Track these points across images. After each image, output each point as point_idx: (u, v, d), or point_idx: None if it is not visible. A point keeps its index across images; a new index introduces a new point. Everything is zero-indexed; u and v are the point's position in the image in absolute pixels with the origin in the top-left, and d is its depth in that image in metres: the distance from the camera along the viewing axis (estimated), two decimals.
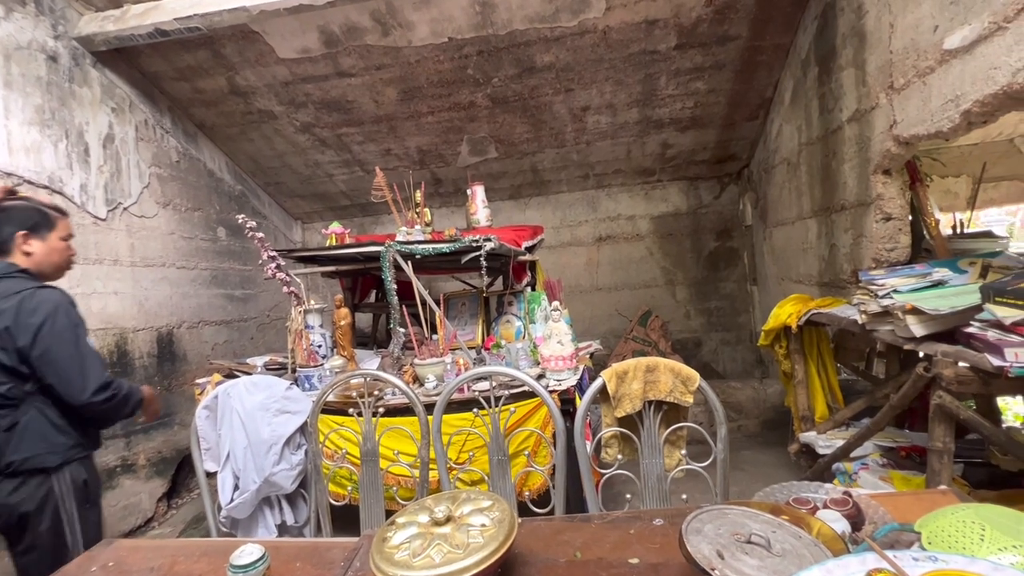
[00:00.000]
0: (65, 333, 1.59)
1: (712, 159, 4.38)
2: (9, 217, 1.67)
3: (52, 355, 1.56)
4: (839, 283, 2.82)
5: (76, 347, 1.60)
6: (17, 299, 1.57)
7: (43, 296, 1.60)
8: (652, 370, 1.50)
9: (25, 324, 1.55)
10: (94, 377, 1.60)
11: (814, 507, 0.93)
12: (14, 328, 1.54)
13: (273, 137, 3.94)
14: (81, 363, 1.60)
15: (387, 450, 2.02)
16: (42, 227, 1.70)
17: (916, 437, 2.37)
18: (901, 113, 2.09)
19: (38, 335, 1.55)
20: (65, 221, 1.79)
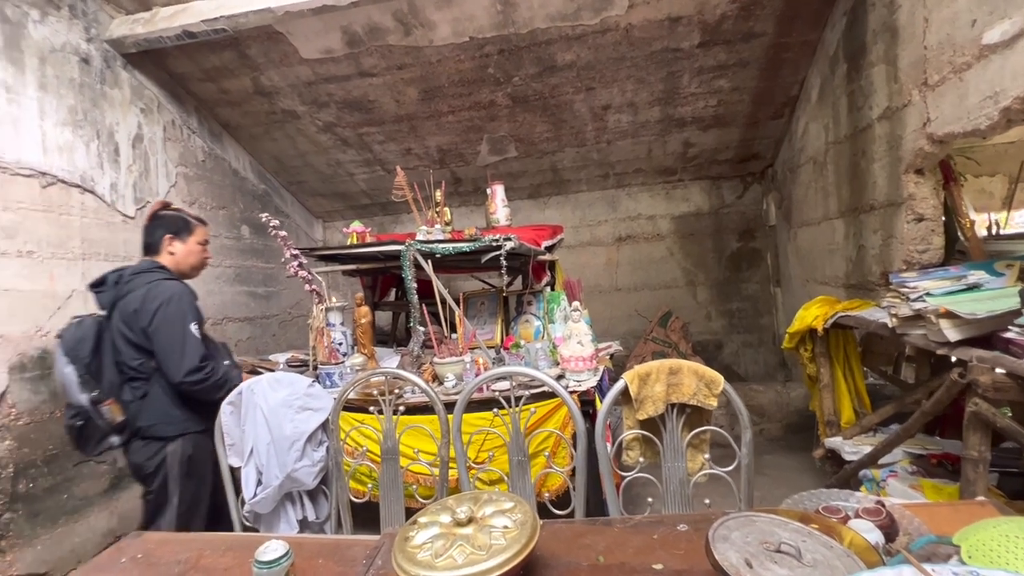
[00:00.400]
0: (173, 319, 1.87)
1: (735, 158, 4.31)
2: (161, 223, 2.06)
3: (159, 336, 1.86)
4: (867, 285, 2.75)
5: (180, 332, 1.87)
6: (147, 287, 1.90)
7: (166, 286, 1.92)
8: (675, 372, 1.48)
9: (147, 308, 1.86)
10: (189, 360, 1.85)
11: (845, 516, 0.91)
12: (140, 311, 1.86)
13: (296, 137, 4.00)
14: (182, 346, 1.86)
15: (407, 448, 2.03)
16: (183, 232, 2.08)
17: (948, 444, 2.30)
18: (935, 111, 2.02)
19: (153, 318, 1.85)
20: (203, 228, 2.16)
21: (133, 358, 1.89)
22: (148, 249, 2.08)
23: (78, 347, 1.88)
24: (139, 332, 1.87)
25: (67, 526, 2.61)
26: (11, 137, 2.48)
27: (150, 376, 1.91)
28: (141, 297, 1.87)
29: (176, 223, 2.08)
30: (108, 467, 2.86)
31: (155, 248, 2.05)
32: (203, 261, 2.17)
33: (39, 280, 2.58)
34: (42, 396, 2.56)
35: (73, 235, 2.76)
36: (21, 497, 2.43)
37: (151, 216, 2.11)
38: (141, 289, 1.89)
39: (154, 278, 1.93)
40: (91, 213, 2.86)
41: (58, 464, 2.60)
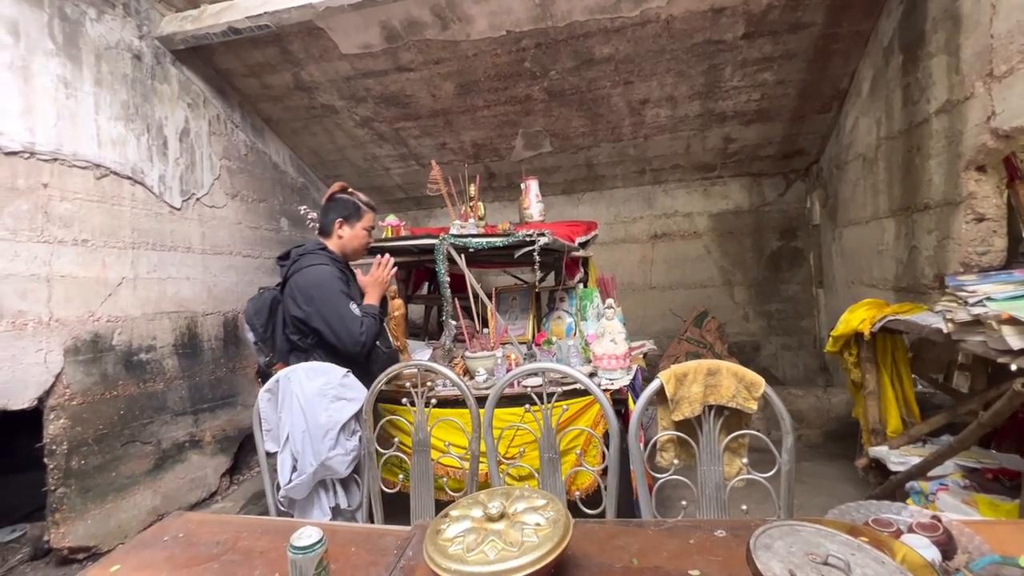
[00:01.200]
0: (329, 302, 1.94)
1: (778, 154, 4.16)
2: (334, 207, 2.16)
3: (321, 321, 1.93)
4: (919, 288, 2.62)
5: (337, 311, 1.93)
6: (304, 272, 2.00)
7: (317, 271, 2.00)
8: (713, 373, 1.43)
9: (305, 294, 1.96)
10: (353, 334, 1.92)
11: (897, 531, 0.86)
12: (298, 295, 1.97)
13: (334, 131, 4.06)
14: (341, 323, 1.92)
15: (438, 441, 2.04)
16: (353, 217, 2.16)
17: (1005, 459, 2.16)
18: (1001, 104, 1.90)
19: (311, 302, 1.94)
20: (370, 215, 2.24)
21: (293, 332, 2.02)
22: (322, 230, 2.19)
23: (255, 317, 2.09)
24: (298, 311, 1.97)
25: (115, 503, 2.74)
26: (69, 131, 2.60)
27: (308, 350, 2.01)
28: (300, 281, 1.99)
29: (348, 207, 2.16)
30: (153, 447, 2.99)
31: (327, 230, 2.16)
32: (365, 246, 2.26)
33: (92, 267, 2.70)
34: (94, 378, 2.68)
35: (124, 225, 2.88)
36: (74, 473, 2.56)
37: (328, 198, 2.20)
38: (302, 271, 2.02)
39: (312, 262, 2.03)
40: (140, 204, 2.98)
41: (107, 443, 2.73)
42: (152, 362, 3.03)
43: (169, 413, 3.11)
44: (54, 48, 2.56)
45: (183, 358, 3.23)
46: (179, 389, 3.19)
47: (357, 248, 2.22)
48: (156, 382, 3.04)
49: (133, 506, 2.84)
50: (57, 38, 2.57)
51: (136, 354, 2.93)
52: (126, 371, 2.86)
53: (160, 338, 3.09)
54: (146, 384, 2.98)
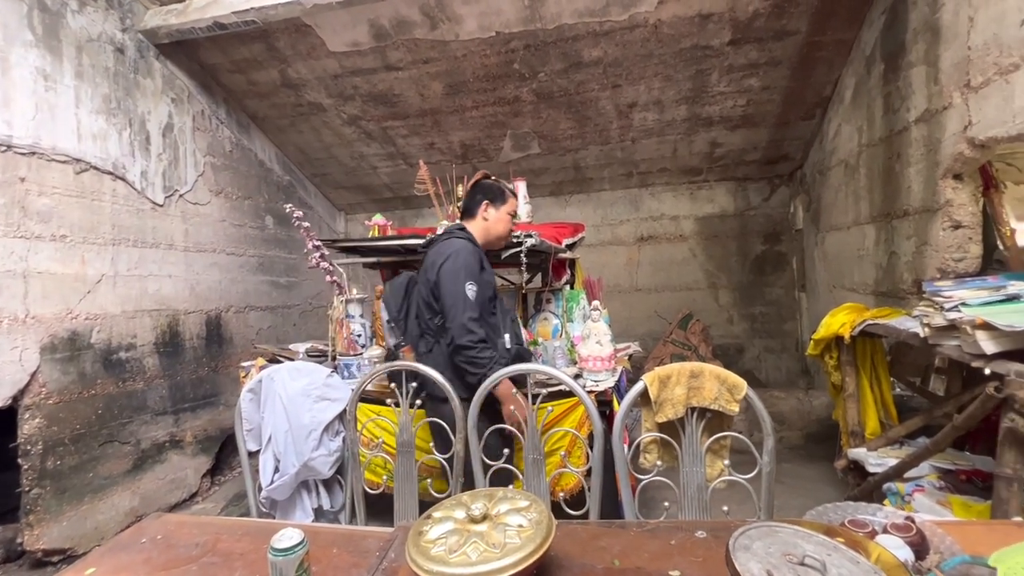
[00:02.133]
0: (452, 273, 1.89)
1: (763, 159, 4.22)
2: (481, 190, 2.16)
3: (441, 290, 1.89)
4: (898, 293, 2.67)
5: (455, 286, 1.87)
6: (441, 245, 2.00)
7: (453, 242, 1.98)
8: (696, 376, 1.45)
9: (435, 263, 1.93)
10: (459, 317, 1.84)
11: (872, 531, 0.87)
12: (430, 267, 1.95)
13: (321, 129, 4.03)
14: (456, 302, 1.86)
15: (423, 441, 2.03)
16: (498, 200, 2.15)
17: (978, 460, 2.21)
18: (978, 114, 1.95)
19: (438, 272, 1.90)
20: (513, 200, 2.23)
21: (424, 314, 2.00)
22: (466, 213, 2.19)
23: (391, 297, 2.16)
24: (428, 288, 1.96)
25: (91, 504, 2.69)
26: (48, 124, 2.55)
27: (436, 334, 1.97)
28: (434, 254, 1.98)
29: (494, 191, 2.16)
30: (132, 448, 2.94)
31: (472, 212, 2.15)
32: (508, 231, 2.23)
33: (71, 264, 2.65)
34: (71, 377, 2.63)
35: (104, 221, 2.83)
36: (49, 474, 2.51)
37: (474, 184, 2.22)
38: (437, 246, 2.02)
39: (451, 237, 2.03)
40: (122, 200, 2.93)
41: (84, 443, 2.68)
42: (132, 361, 2.97)
43: (149, 413, 3.06)
44: (33, 39, 2.51)
45: (164, 357, 3.18)
46: (159, 388, 3.14)
47: (501, 233, 2.19)
48: (136, 381, 2.99)
49: (111, 507, 2.79)
50: (36, 29, 2.52)
51: (115, 352, 2.88)
52: (105, 370, 2.81)
53: (140, 336, 3.03)
54: (125, 383, 2.93)
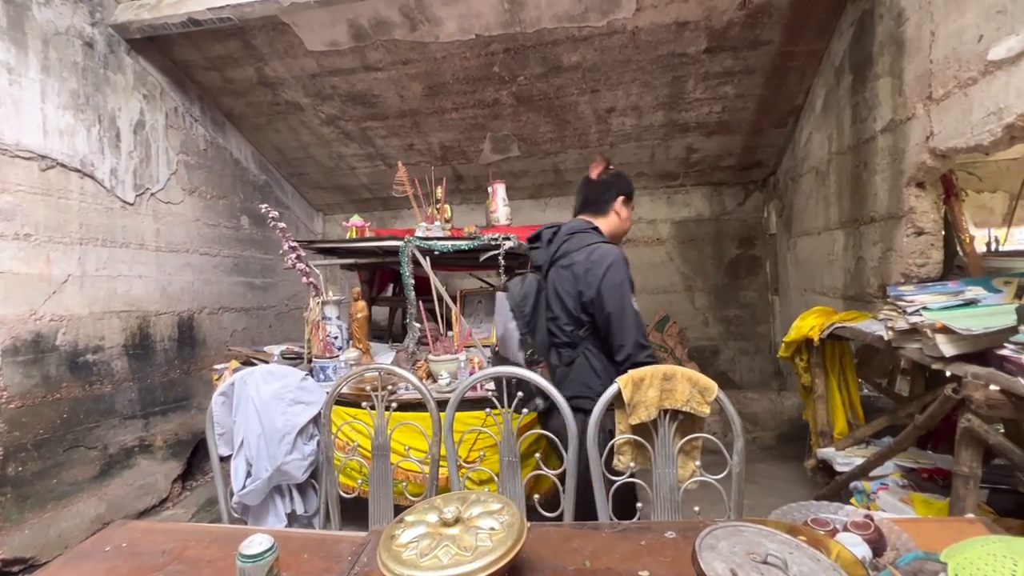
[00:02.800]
0: (618, 287, 1.69)
1: (737, 165, 4.31)
2: (616, 182, 1.87)
3: (606, 303, 1.68)
4: (865, 297, 2.75)
5: (623, 302, 1.69)
6: (588, 250, 1.74)
7: (607, 249, 1.74)
8: (669, 378, 1.47)
9: (593, 274, 1.70)
10: (636, 332, 1.69)
11: (833, 529, 0.90)
12: (583, 276, 1.71)
13: (299, 128, 3.98)
14: (622, 317, 1.68)
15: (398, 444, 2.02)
16: (630, 197, 1.90)
17: (939, 459, 2.30)
18: (939, 125, 2.02)
19: (600, 284, 1.69)
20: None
21: (566, 324, 1.77)
22: (591, 206, 1.89)
23: (523, 303, 1.82)
24: (575, 298, 1.74)
25: (55, 511, 2.61)
26: (11, 119, 2.47)
27: (578, 344, 1.77)
28: (585, 261, 1.73)
29: (629, 186, 1.90)
30: (99, 453, 2.86)
31: (602, 207, 1.86)
32: (627, 231, 2.00)
33: (35, 264, 2.57)
34: (34, 380, 2.55)
35: (71, 219, 2.75)
36: (10, 480, 2.42)
37: (603, 173, 1.90)
38: (582, 252, 1.75)
39: (592, 240, 1.78)
40: (90, 198, 2.85)
41: (48, 449, 2.60)
42: (99, 363, 2.89)
43: (117, 417, 2.98)
44: None
45: (134, 359, 3.11)
46: (129, 392, 3.07)
47: (624, 231, 1.96)
48: (104, 384, 2.91)
49: (76, 515, 2.71)
50: (0, 21, 2.44)
51: (82, 355, 2.80)
52: (71, 373, 2.73)
53: (109, 338, 2.95)
54: (92, 386, 2.85)
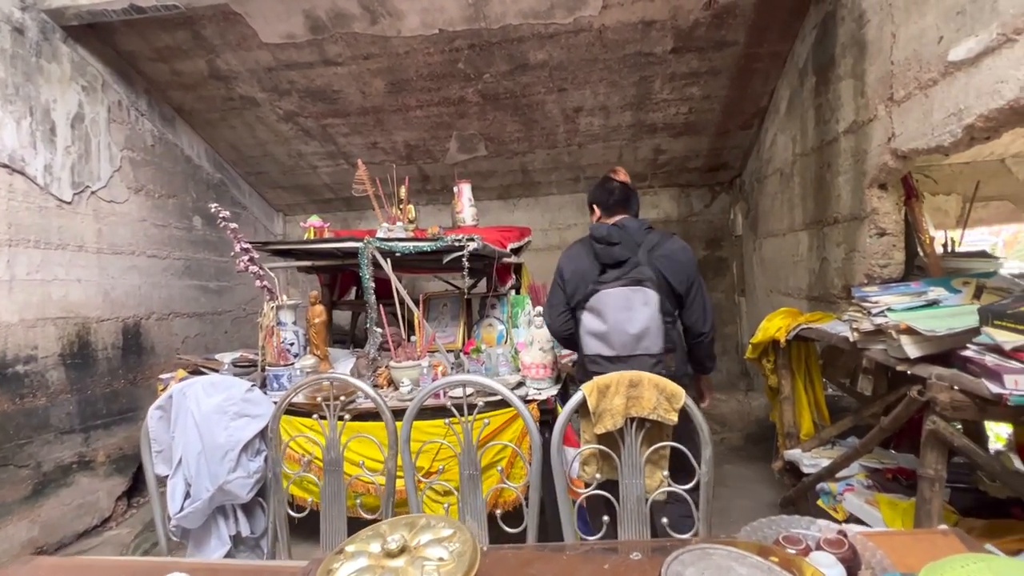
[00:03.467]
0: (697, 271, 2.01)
1: (704, 167, 4.32)
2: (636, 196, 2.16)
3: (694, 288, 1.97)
4: (829, 298, 2.77)
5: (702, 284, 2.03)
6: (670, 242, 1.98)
7: (683, 243, 2.03)
8: (635, 385, 1.41)
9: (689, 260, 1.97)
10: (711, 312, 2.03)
11: (806, 548, 0.85)
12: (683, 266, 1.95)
13: (255, 125, 3.81)
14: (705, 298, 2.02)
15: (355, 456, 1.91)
16: None
17: (902, 459, 2.31)
18: (900, 126, 2.03)
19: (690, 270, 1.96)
20: None
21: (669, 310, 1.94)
22: (630, 207, 2.11)
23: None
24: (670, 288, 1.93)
25: None
26: None
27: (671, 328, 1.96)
28: (679, 251, 1.97)
29: None
30: (31, 471, 2.65)
31: (636, 210, 2.13)
32: None
33: None
34: None
35: None
36: None
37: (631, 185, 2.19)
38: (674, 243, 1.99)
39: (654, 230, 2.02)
40: (20, 196, 2.64)
41: None
42: (32, 374, 2.68)
43: (52, 431, 2.76)
44: None
45: (72, 369, 2.89)
46: (66, 404, 2.85)
47: None
48: (37, 397, 2.70)
49: (4, 539, 2.50)
50: None
51: (11, 366, 2.58)
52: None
53: (43, 347, 2.74)
54: (23, 400, 2.63)
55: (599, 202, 2.13)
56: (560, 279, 2.04)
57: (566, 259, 2.06)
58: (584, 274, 1.96)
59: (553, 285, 2.08)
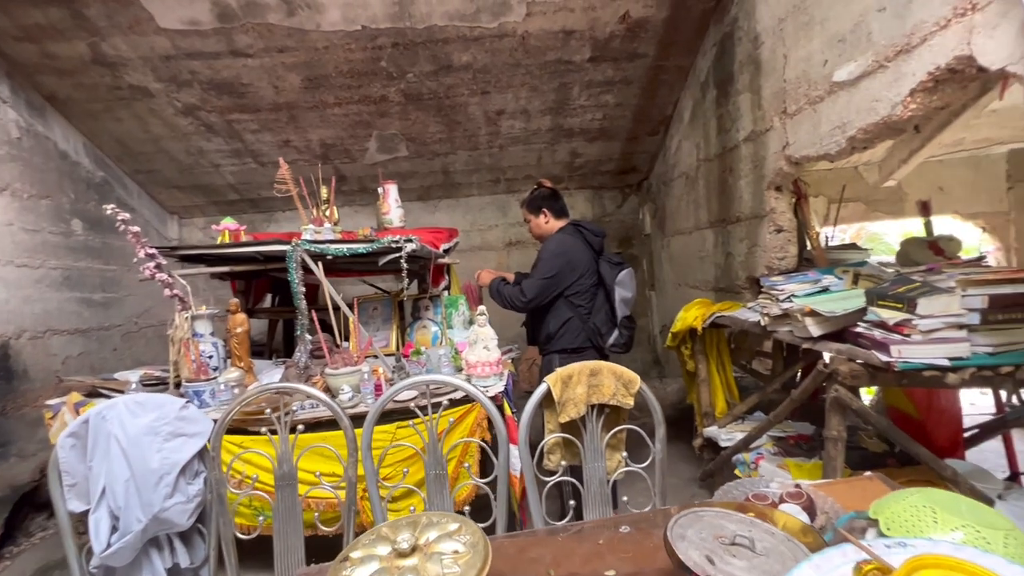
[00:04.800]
0: None
1: (616, 170, 4.60)
2: None
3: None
4: (734, 288, 3.08)
5: None
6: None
7: None
8: (596, 374, 1.50)
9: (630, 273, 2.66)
10: None
11: (773, 502, 0.97)
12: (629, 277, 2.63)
13: (147, 118, 3.44)
14: None
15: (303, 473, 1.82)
16: None
17: (799, 427, 2.65)
18: (793, 136, 2.32)
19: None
20: None
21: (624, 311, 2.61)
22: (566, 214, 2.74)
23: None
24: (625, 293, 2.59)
25: None
26: None
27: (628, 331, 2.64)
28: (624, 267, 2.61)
29: None
30: None
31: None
32: None
33: None
34: None
35: None
36: None
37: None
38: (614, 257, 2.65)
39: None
40: None
41: None
42: None
43: None
44: None
45: None
46: None
47: None
48: None
49: None
50: None
51: None
52: None
53: None
54: None
55: (551, 208, 2.63)
56: (565, 261, 2.48)
57: (567, 246, 2.52)
58: (587, 258, 2.53)
59: (552, 263, 2.48)
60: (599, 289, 2.57)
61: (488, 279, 2.73)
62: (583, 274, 2.50)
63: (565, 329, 2.52)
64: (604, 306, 2.57)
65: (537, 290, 2.48)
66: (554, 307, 2.53)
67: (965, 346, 1.55)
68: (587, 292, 2.53)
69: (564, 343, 2.53)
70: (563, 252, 2.49)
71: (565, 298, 2.51)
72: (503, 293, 2.60)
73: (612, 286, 2.53)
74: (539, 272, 2.49)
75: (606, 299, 2.58)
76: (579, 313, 2.52)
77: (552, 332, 2.54)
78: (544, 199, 2.63)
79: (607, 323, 2.57)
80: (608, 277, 2.54)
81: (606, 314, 2.58)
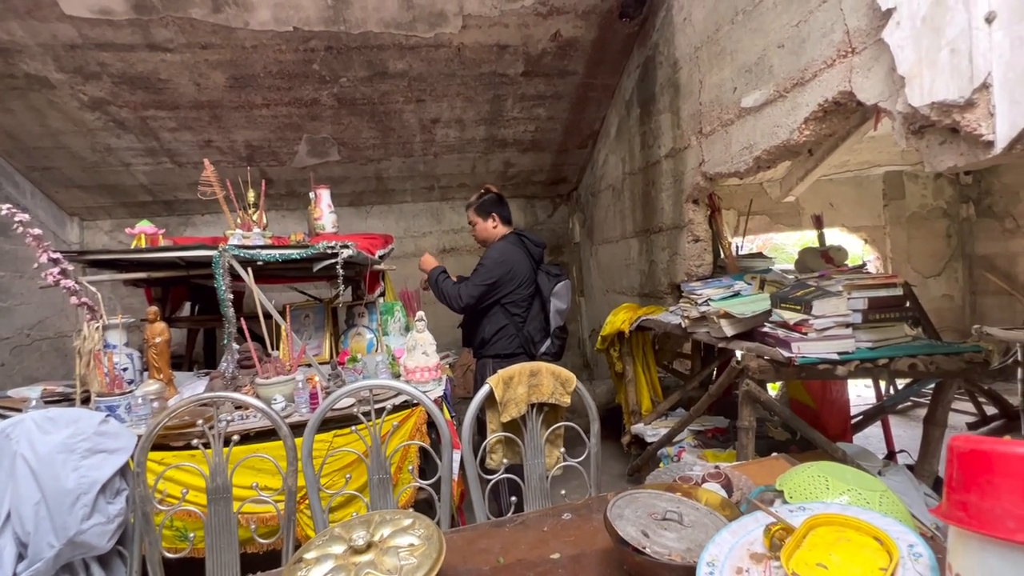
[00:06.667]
0: None
1: (547, 180, 4.76)
2: None
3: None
4: (657, 294, 3.30)
5: None
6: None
7: None
8: (535, 374, 1.58)
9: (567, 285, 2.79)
10: None
11: (696, 483, 1.08)
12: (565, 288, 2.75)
13: (46, 110, 3.15)
14: None
15: (242, 487, 1.75)
16: None
17: (715, 421, 2.88)
18: (708, 154, 2.55)
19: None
20: None
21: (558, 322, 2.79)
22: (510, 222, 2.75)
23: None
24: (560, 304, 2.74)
25: None
26: None
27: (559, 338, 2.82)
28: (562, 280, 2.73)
29: None
30: None
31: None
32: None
33: None
34: None
35: None
36: None
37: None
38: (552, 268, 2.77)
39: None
40: None
41: None
42: None
43: None
44: None
45: None
46: None
47: None
48: None
49: None
50: None
51: None
52: None
53: None
54: None
55: (500, 214, 2.67)
56: (507, 269, 2.54)
57: (510, 255, 2.57)
58: (527, 268, 2.61)
59: (494, 271, 2.53)
60: (535, 299, 2.66)
61: (430, 265, 2.74)
62: (522, 283, 2.58)
63: (500, 335, 2.59)
64: (539, 315, 2.67)
65: (476, 294, 2.54)
66: (490, 313, 2.59)
67: (851, 342, 1.78)
68: (524, 301, 2.61)
69: (498, 349, 2.59)
70: (505, 261, 2.55)
71: (502, 305, 2.57)
72: (442, 288, 2.63)
73: (548, 297, 2.64)
74: (480, 277, 2.54)
75: (541, 309, 2.67)
76: (514, 321, 2.59)
77: (487, 337, 2.60)
78: (494, 204, 2.67)
79: (540, 332, 2.67)
80: (545, 288, 2.64)
81: (540, 323, 2.67)
